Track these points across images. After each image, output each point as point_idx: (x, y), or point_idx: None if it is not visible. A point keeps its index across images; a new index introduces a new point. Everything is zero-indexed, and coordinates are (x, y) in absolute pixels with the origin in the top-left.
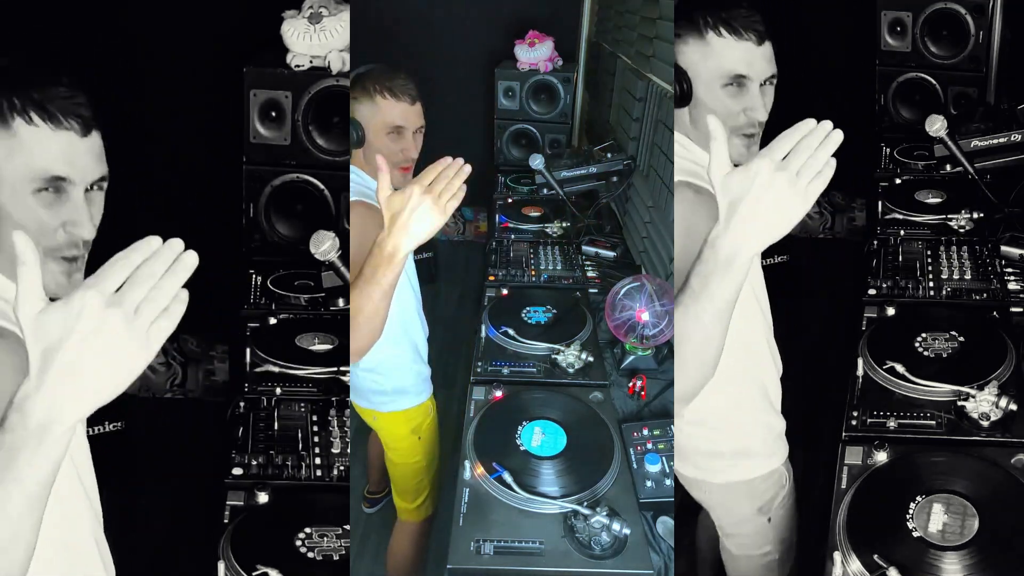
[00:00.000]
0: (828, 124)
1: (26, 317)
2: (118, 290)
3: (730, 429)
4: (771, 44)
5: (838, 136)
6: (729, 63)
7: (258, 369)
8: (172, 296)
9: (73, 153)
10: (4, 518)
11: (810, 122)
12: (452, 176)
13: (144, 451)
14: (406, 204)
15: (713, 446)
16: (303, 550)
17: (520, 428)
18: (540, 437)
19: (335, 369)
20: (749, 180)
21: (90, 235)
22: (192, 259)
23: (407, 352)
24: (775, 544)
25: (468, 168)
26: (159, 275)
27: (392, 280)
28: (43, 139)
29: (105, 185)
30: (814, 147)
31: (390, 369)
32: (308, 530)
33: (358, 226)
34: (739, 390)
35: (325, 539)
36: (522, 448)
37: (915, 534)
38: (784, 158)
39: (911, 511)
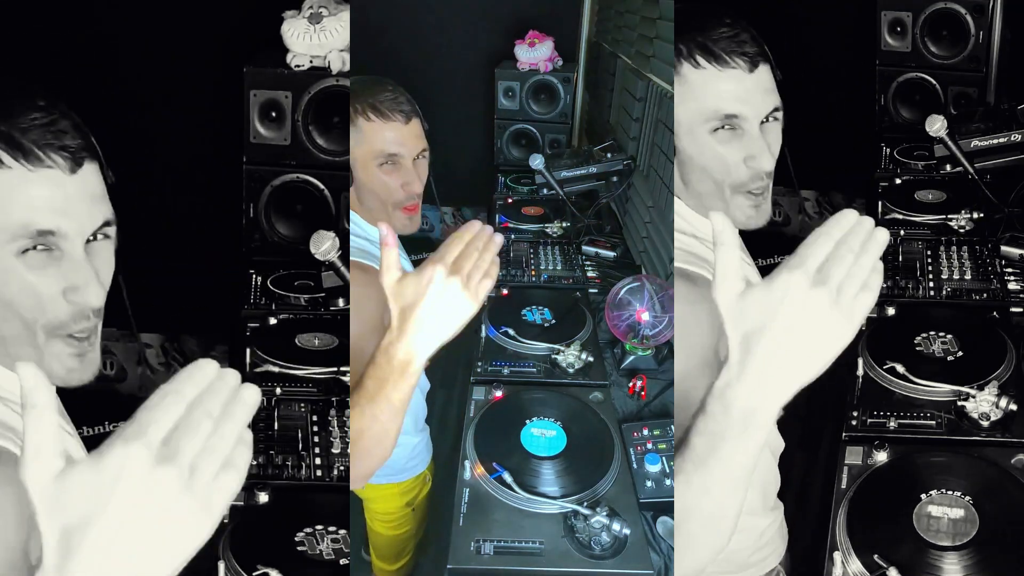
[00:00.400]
0: (868, 221)
1: (37, 483)
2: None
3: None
4: (769, 68)
5: (883, 236)
6: (714, 101)
7: (258, 369)
8: (234, 443)
9: (62, 198)
10: None
11: (848, 217)
12: (482, 249)
13: None
14: (424, 292)
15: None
16: (303, 550)
17: (520, 428)
18: (540, 437)
19: (335, 369)
20: (774, 302)
21: (99, 301)
22: (254, 396)
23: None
24: None
25: (500, 239)
26: (215, 415)
27: (406, 394)
28: (16, 184)
29: (112, 231)
30: (856, 251)
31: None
32: (308, 530)
33: (358, 296)
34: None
35: (325, 539)
36: (522, 448)
37: (914, 525)
38: (818, 268)
39: (924, 498)
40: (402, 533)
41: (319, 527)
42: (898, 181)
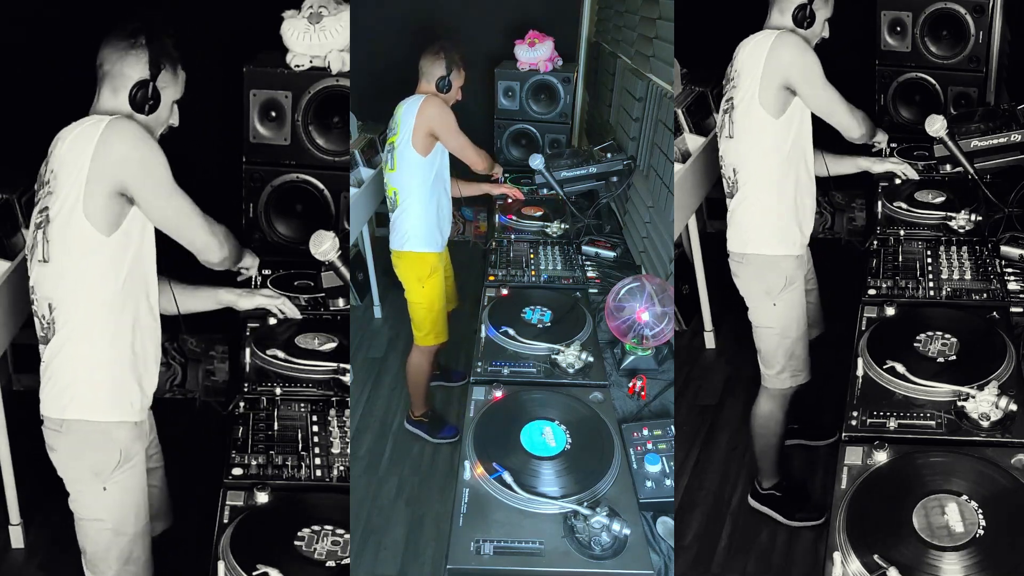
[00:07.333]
0: None
1: None
2: None
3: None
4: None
5: None
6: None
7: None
8: None
9: None
10: None
11: None
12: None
13: None
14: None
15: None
16: (303, 550)
17: (520, 428)
18: (540, 437)
19: (335, 366)
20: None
21: None
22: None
23: (432, 204)
24: (777, 323)
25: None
26: None
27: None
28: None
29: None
30: None
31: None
32: (308, 530)
33: (439, 110)
34: (780, 190)
35: (325, 539)
36: (522, 448)
37: (914, 525)
38: None
39: (923, 506)
40: (418, 302)
41: (319, 527)
42: (898, 181)
